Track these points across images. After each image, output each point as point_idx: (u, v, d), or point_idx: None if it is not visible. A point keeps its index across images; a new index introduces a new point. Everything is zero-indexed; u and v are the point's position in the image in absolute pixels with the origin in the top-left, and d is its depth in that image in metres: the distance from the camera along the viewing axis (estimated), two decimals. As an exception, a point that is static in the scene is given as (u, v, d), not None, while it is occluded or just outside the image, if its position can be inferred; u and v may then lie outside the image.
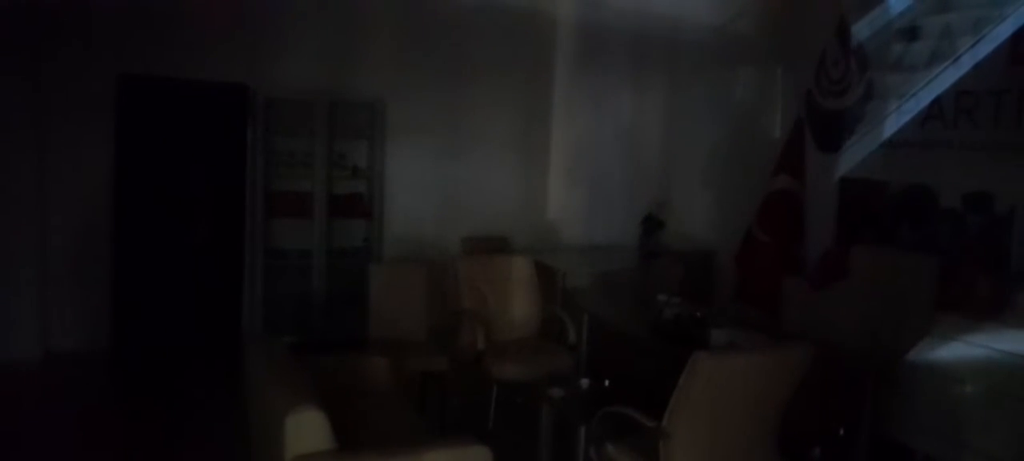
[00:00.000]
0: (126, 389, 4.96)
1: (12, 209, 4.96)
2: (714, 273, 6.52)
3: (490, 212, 6.24)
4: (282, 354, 2.91)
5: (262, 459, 2.74)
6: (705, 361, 2.75)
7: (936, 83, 4.86)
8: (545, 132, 6.46)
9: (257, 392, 2.76)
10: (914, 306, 4.08)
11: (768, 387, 2.94)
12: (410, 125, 6.01)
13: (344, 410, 2.63)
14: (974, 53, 4.63)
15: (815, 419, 3.66)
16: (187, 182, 5.61)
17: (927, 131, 4.93)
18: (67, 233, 5.23)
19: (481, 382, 4.33)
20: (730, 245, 6.13)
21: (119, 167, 5.27)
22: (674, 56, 6.64)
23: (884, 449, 4.03)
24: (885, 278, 4.29)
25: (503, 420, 4.34)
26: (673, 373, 2.78)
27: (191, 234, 5.63)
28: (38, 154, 5.03)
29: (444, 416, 4.41)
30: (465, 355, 4.41)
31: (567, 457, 3.61)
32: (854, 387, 3.97)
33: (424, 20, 5.95)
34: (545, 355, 4.49)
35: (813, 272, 5.38)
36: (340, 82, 5.78)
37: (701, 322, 4.02)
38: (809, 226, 5.71)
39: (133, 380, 5.10)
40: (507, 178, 6.40)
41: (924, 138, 4.96)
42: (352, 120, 5.85)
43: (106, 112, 5.20)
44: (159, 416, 4.44)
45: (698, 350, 2.79)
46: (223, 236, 5.65)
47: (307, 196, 5.74)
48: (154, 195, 5.45)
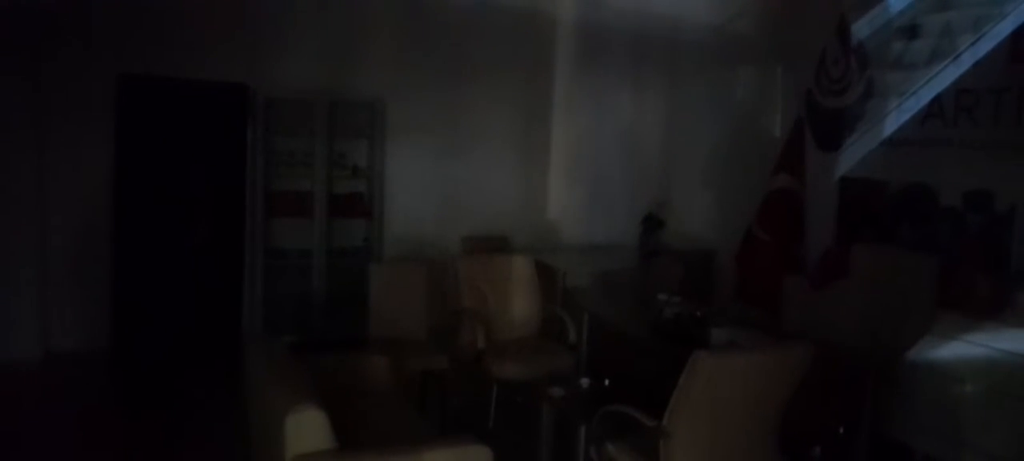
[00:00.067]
0: (126, 389, 4.96)
1: (12, 209, 4.96)
2: (714, 272, 6.51)
3: (490, 211, 6.24)
4: (282, 354, 2.91)
5: (262, 459, 2.74)
6: (705, 360, 2.75)
7: (936, 81, 4.86)
8: (545, 131, 6.46)
9: (257, 392, 2.76)
10: (914, 305, 4.08)
11: (768, 386, 2.94)
12: (410, 125, 6.01)
13: (344, 410, 2.63)
14: (974, 51, 4.63)
15: (815, 418, 3.65)
16: (187, 182, 5.60)
17: (927, 130, 4.93)
18: (67, 233, 5.23)
19: (481, 382, 4.34)
20: (730, 244, 6.12)
21: (119, 167, 5.27)
22: (674, 56, 6.63)
23: (884, 448, 4.03)
24: (885, 277, 4.29)
25: (503, 420, 4.34)
26: (673, 372, 2.78)
27: (191, 234, 5.63)
28: (38, 154, 5.03)
29: (444, 415, 4.40)
30: (465, 354, 4.41)
31: (567, 456, 3.61)
32: (854, 386, 3.96)
33: (424, 20, 5.95)
34: (545, 354, 4.49)
35: (813, 271, 5.37)
36: (340, 82, 5.77)
37: (701, 321, 4.02)
38: (809, 225, 5.70)
39: (133, 380, 5.10)
40: (507, 177, 6.39)
41: (924, 137, 4.95)
42: (352, 120, 5.85)
43: (106, 112, 5.20)
44: (159, 416, 4.44)
45: (698, 349, 2.79)
46: (223, 236, 5.64)
47: (307, 196, 5.74)
48: (154, 195, 5.44)
